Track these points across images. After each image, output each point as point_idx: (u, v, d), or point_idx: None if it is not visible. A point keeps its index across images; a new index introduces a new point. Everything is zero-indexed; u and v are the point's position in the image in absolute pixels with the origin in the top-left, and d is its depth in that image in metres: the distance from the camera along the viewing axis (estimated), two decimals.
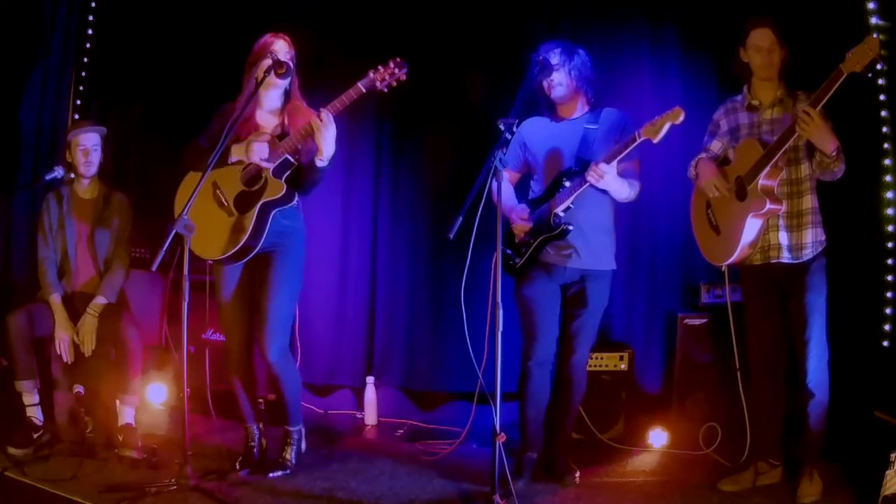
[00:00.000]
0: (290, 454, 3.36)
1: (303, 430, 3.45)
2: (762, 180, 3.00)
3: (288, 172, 3.16)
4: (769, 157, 2.97)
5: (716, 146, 3.27)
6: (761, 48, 3.06)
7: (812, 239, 3.07)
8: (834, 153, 2.89)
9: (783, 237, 3.08)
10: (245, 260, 3.19)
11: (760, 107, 3.13)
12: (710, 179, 3.17)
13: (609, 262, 3.32)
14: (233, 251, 3.11)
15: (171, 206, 3.26)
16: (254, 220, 3.09)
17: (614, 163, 3.09)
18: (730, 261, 3.14)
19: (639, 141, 3.04)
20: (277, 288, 3.21)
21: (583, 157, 3.22)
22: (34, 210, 4.38)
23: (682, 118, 2.98)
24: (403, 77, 2.94)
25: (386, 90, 2.98)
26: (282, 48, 3.18)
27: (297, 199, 3.27)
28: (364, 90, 3.00)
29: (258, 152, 3.11)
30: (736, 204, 3.09)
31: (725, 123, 3.25)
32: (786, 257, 3.08)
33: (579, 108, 3.33)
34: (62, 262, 3.72)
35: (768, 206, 2.99)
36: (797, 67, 3.09)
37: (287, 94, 3.27)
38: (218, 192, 3.20)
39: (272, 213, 3.16)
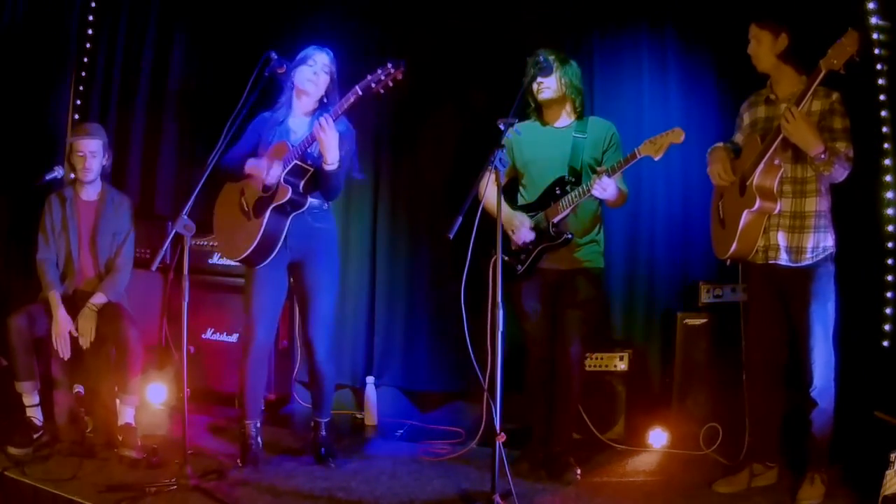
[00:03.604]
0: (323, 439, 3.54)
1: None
2: (757, 177, 2.98)
3: (304, 177, 3.27)
4: (761, 156, 2.96)
5: (738, 139, 3.25)
6: (750, 41, 3.07)
7: (813, 244, 2.99)
8: (822, 156, 2.84)
9: (782, 238, 3.02)
10: (268, 260, 3.30)
11: (777, 101, 3.07)
12: (714, 166, 3.17)
13: (597, 261, 3.39)
14: (248, 252, 3.27)
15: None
16: (264, 224, 3.24)
17: (615, 176, 3.16)
18: (727, 255, 3.12)
19: (639, 157, 3.11)
20: (318, 292, 3.40)
21: (574, 167, 3.31)
22: (34, 210, 4.38)
23: (682, 138, 3.04)
24: (399, 76, 2.98)
25: (382, 91, 3.02)
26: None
27: (324, 202, 3.41)
28: (361, 93, 3.06)
29: (272, 175, 3.24)
30: (738, 199, 3.07)
31: (748, 117, 3.21)
32: (783, 259, 3.03)
33: (566, 117, 3.40)
34: (66, 264, 3.72)
35: (758, 203, 2.97)
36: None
37: (321, 103, 3.38)
38: (242, 199, 3.36)
39: (290, 217, 3.29)
